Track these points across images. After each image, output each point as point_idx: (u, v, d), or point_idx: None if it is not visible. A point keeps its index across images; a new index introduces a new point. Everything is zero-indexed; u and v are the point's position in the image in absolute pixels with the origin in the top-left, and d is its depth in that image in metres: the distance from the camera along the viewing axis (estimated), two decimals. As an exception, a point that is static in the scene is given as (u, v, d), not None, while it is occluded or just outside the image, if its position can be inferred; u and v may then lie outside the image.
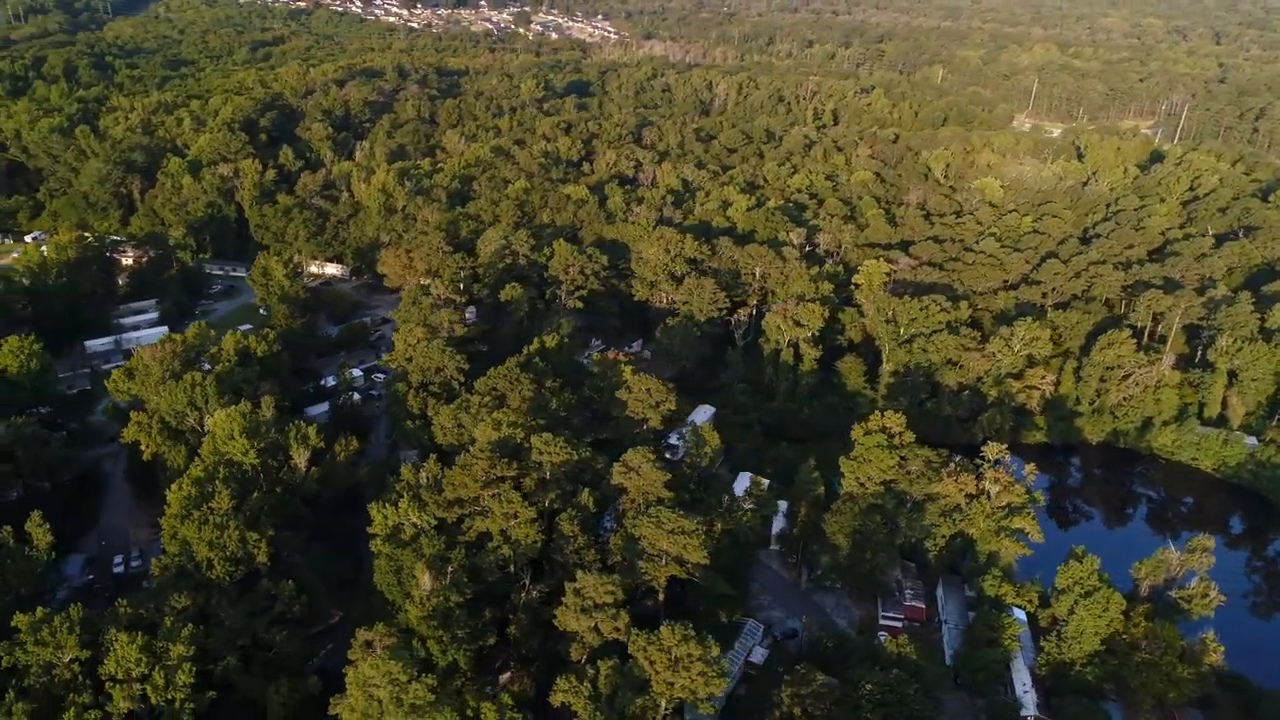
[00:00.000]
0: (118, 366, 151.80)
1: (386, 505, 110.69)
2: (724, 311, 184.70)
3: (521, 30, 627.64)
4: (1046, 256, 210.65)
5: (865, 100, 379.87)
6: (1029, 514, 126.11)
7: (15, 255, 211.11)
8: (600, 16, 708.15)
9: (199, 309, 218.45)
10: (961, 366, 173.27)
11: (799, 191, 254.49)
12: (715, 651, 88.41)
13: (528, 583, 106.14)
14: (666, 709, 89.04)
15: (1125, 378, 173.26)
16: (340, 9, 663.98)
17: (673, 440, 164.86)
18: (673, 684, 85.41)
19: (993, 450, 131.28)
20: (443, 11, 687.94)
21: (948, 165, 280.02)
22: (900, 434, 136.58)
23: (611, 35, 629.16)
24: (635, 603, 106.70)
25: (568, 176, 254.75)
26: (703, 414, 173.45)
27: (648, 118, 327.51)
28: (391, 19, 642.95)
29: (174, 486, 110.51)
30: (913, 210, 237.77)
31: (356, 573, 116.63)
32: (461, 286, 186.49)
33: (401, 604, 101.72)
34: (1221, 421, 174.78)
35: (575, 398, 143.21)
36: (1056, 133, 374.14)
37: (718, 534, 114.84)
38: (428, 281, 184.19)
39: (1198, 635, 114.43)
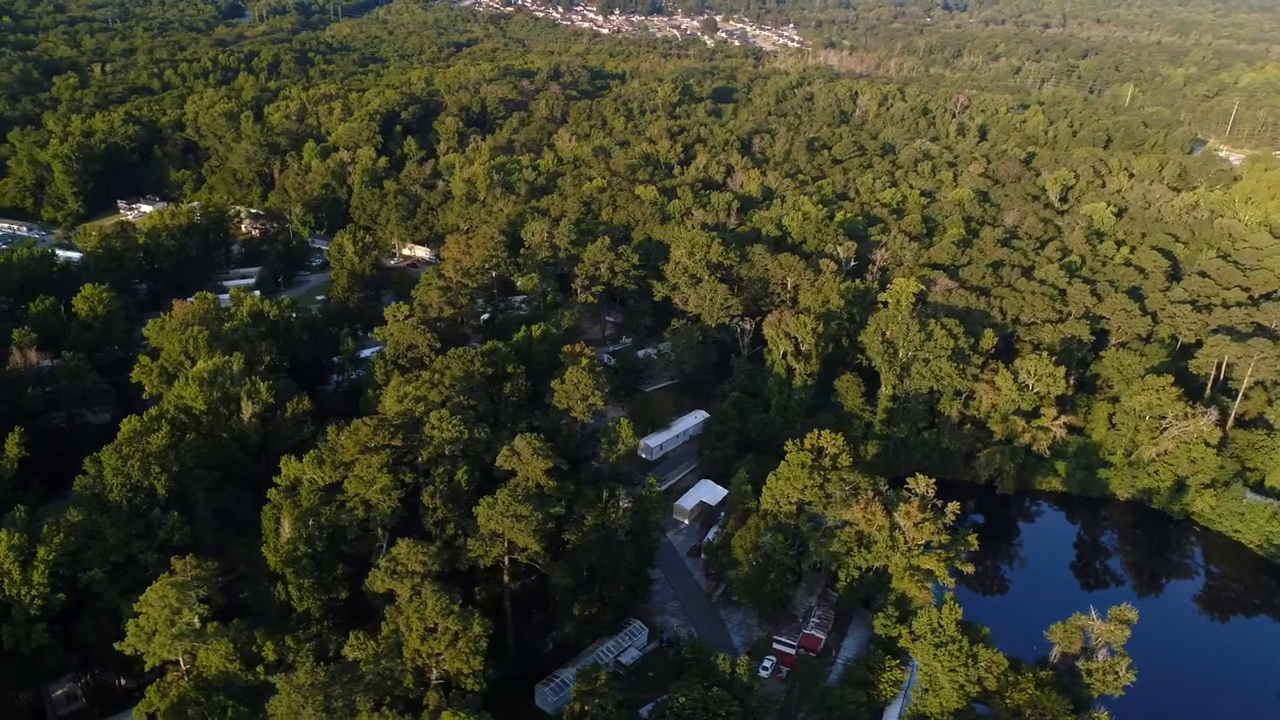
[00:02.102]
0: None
1: (294, 460, 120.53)
2: (734, 319, 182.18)
3: (705, 37, 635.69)
4: (1130, 290, 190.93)
5: (1019, 117, 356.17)
6: (940, 555, 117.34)
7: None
8: (791, 25, 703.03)
9: (297, 278, 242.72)
10: (971, 398, 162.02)
11: (884, 205, 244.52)
12: (478, 629, 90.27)
13: (385, 546, 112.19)
14: (435, 679, 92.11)
15: (1162, 430, 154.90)
16: (541, 14, 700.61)
17: (649, 443, 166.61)
18: (424, 652, 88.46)
19: (919, 483, 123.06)
20: (637, 18, 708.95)
21: (1068, 187, 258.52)
22: (837, 455, 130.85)
23: (793, 44, 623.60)
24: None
25: (654, 178, 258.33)
26: (693, 419, 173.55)
27: (769, 125, 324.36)
28: (585, 24, 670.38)
29: (125, 420, 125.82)
30: (993, 231, 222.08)
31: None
32: (495, 274, 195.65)
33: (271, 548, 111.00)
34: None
35: (528, 385, 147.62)
36: (1237, 159, 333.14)
37: (586, 528, 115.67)
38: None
39: (1094, 711, 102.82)
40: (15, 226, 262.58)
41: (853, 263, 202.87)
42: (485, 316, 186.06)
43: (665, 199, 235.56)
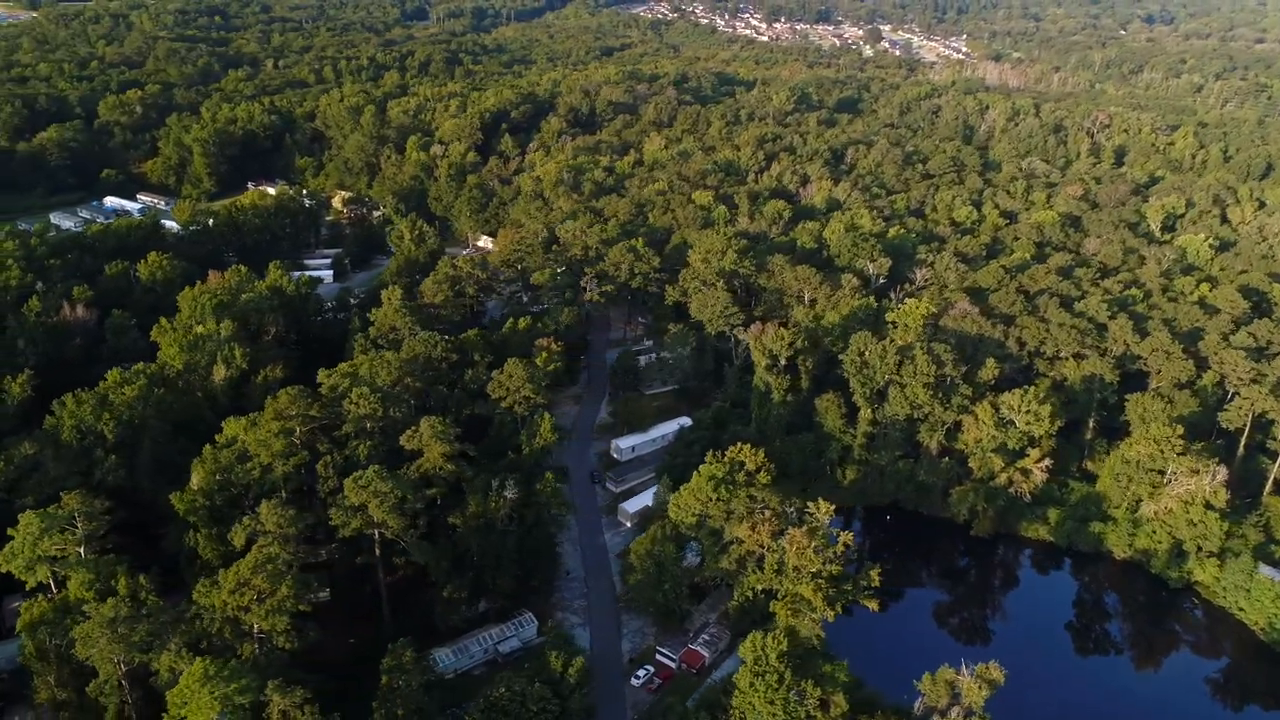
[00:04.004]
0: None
1: (234, 421, 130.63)
2: (734, 328, 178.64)
3: (866, 47, 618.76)
4: (1190, 332, 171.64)
5: (1166, 139, 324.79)
6: (823, 586, 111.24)
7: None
8: (964, 36, 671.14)
9: (373, 261, 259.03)
10: (959, 430, 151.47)
11: (954, 224, 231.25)
12: (285, 591, 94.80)
13: (283, 495, 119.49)
14: (258, 633, 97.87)
15: (1162, 485, 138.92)
16: (705, 20, 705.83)
17: (621, 444, 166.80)
18: (231, 605, 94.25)
19: (819, 508, 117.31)
20: (801, 26, 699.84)
21: (1176, 215, 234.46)
22: (757, 471, 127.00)
23: (959, 56, 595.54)
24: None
25: (722, 184, 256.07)
26: (673, 425, 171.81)
27: (872, 137, 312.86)
28: (746, 31, 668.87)
29: (110, 371, 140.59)
30: (1059, 257, 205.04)
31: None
32: (520, 267, 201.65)
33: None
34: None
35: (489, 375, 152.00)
36: None
37: (468, 514, 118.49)
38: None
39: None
40: (156, 200, 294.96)
41: (882, 280, 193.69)
42: (493, 305, 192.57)
43: (721, 205, 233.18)
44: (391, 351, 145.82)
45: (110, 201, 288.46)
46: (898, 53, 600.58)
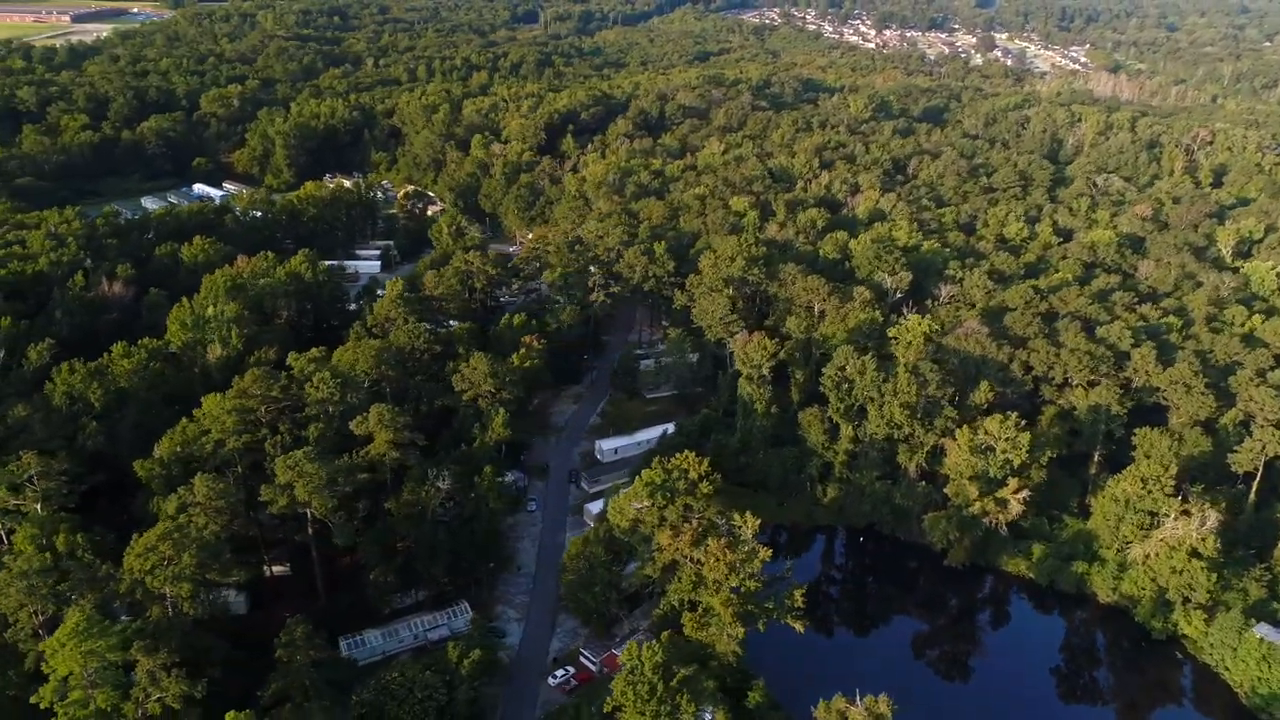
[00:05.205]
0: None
1: (214, 397, 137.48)
2: (733, 335, 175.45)
3: (977, 55, 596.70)
4: (1226, 366, 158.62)
5: (1275, 158, 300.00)
6: (733, 600, 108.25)
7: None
8: (1087, 46, 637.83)
9: (424, 254, 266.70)
10: (943, 454, 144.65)
11: (1001, 241, 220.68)
12: (187, 559, 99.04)
13: (239, 470, 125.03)
14: (170, 595, 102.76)
15: (1150, 527, 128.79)
16: (813, 26, 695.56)
17: (604, 445, 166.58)
18: (135, 569, 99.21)
19: (747, 522, 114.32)
20: (912, 33, 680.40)
21: (1253, 240, 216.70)
22: (699, 480, 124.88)
23: (1075, 66, 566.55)
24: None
25: (767, 191, 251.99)
26: (657, 430, 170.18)
27: (941, 148, 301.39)
28: (853, 38, 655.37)
29: (116, 345, 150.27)
30: (1104, 279, 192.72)
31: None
32: (538, 265, 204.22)
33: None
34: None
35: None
36: None
37: (402, 501, 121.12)
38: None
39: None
40: (240, 189, 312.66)
41: (900, 294, 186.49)
42: (506, 300, 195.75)
43: (753, 211, 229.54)
44: (370, 340, 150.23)
45: (198, 188, 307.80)
46: (1009, 62, 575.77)
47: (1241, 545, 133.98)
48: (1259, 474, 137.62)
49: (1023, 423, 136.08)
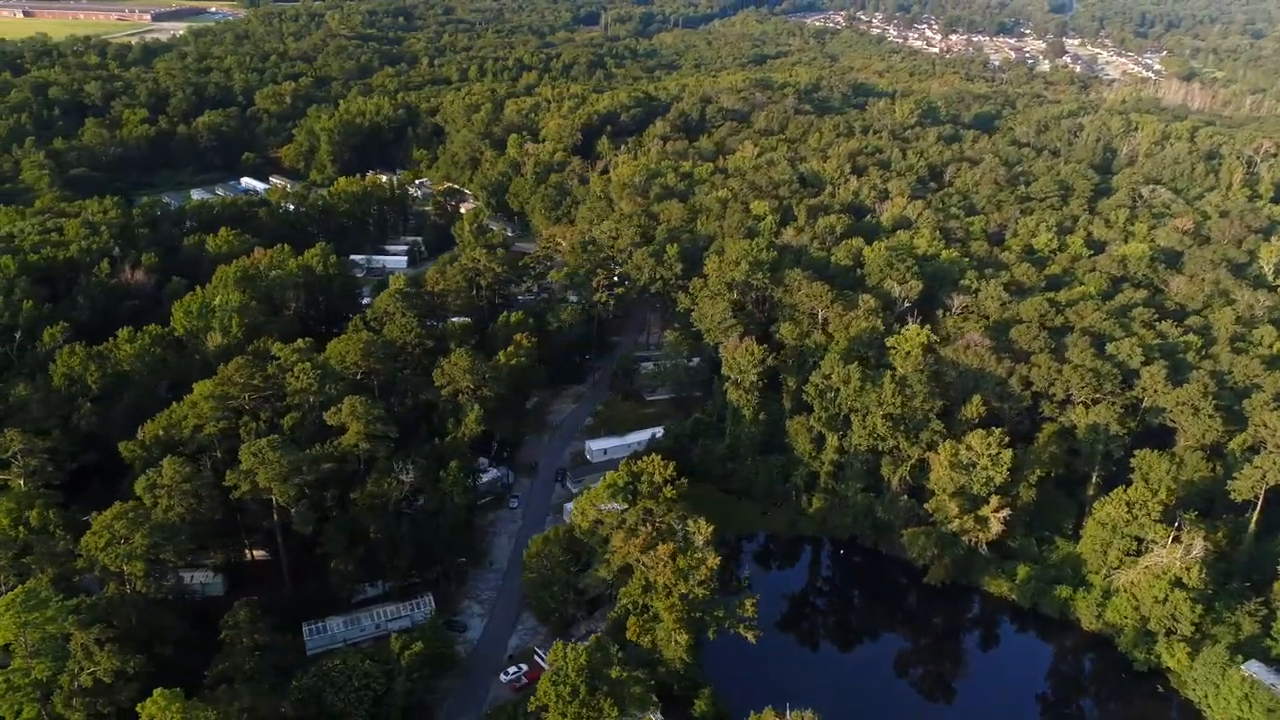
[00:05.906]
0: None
1: (206, 383, 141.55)
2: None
3: (1044, 61, 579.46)
4: (1243, 389, 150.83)
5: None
6: (675, 606, 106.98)
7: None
8: (1164, 53, 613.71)
9: (450, 250, 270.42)
10: (924, 467, 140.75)
11: (1031, 251, 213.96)
12: (140, 540, 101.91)
13: (218, 454, 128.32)
14: (127, 574, 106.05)
15: (1135, 554, 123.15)
16: (876, 30, 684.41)
17: (593, 446, 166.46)
18: (90, 546, 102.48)
19: (699, 528, 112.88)
20: (979, 38, 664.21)
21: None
22: (664, 484, 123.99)
23: (1146, 74, 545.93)
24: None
25: (793, 195, 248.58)
26: (648, 432, 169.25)
27: (983, 155, 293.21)
28: (918, 43, 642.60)
29: (121, 330, 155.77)
30: (1129, 294, 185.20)
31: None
32: (549, 264, 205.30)
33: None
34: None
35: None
36: None
37: (366, 492, 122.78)
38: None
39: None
40: (285, 183, 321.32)
41: (908, 303, 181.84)
42: (521, 298, 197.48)
43: (771, 216, 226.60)
44: (359, 332, 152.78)
45: (245, 182, 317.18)
46: (1078, 68, 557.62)
47: (1239, 577, 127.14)
48: (1259, 503, 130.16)
49: (1006, 440, 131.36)
